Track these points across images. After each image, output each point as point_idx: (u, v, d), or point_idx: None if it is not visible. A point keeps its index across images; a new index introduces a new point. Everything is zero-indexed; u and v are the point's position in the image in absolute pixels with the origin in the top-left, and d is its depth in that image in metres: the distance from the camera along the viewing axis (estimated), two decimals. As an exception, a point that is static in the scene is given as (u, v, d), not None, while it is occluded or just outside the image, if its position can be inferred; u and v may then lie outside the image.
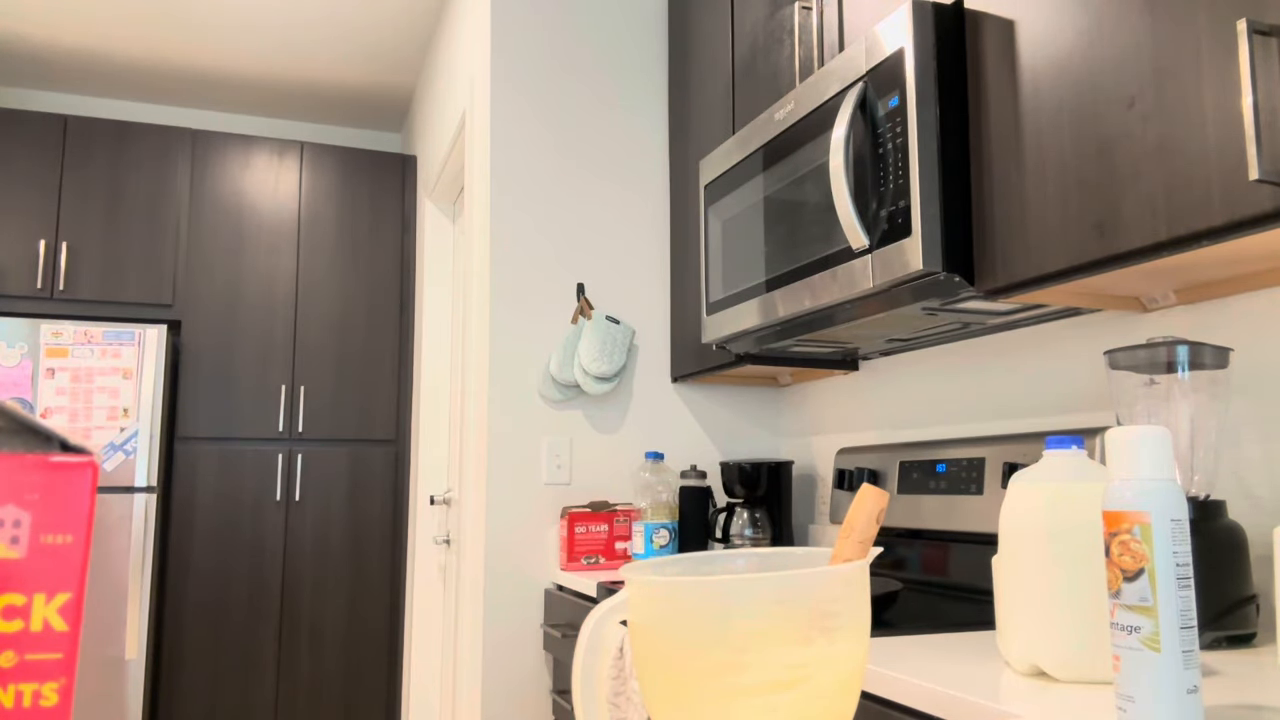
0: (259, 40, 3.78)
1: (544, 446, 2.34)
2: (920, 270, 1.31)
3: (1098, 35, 1.13)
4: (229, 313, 3.84)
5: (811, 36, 1.74)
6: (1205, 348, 1.13)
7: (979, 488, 1.60)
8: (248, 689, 3.67)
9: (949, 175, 1.33)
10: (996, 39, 1.30)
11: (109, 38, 3.74)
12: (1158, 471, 0.72)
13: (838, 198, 1.42)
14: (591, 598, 2.00)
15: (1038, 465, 0.96)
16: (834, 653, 0.61)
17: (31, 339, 3.34)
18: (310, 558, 3.81)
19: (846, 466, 2.01)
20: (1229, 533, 1.10)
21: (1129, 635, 0.71)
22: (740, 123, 2.06)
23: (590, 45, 2.52)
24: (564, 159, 2.45)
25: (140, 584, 3.34)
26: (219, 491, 3.74)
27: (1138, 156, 1.07)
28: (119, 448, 3.38)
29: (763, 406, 2.54)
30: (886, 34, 1.39)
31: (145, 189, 3.81)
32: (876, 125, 1.41)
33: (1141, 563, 0.71)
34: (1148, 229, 1.05)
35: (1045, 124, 1.21)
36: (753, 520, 2.21)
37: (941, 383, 1.89)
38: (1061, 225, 1.17)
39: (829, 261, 1.51)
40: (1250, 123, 0.93)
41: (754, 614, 0.60)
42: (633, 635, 0.65)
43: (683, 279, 2.39)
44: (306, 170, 4.05)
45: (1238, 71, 0.95)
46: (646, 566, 0.73)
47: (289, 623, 3.76)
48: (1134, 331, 1.43)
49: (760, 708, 0.59)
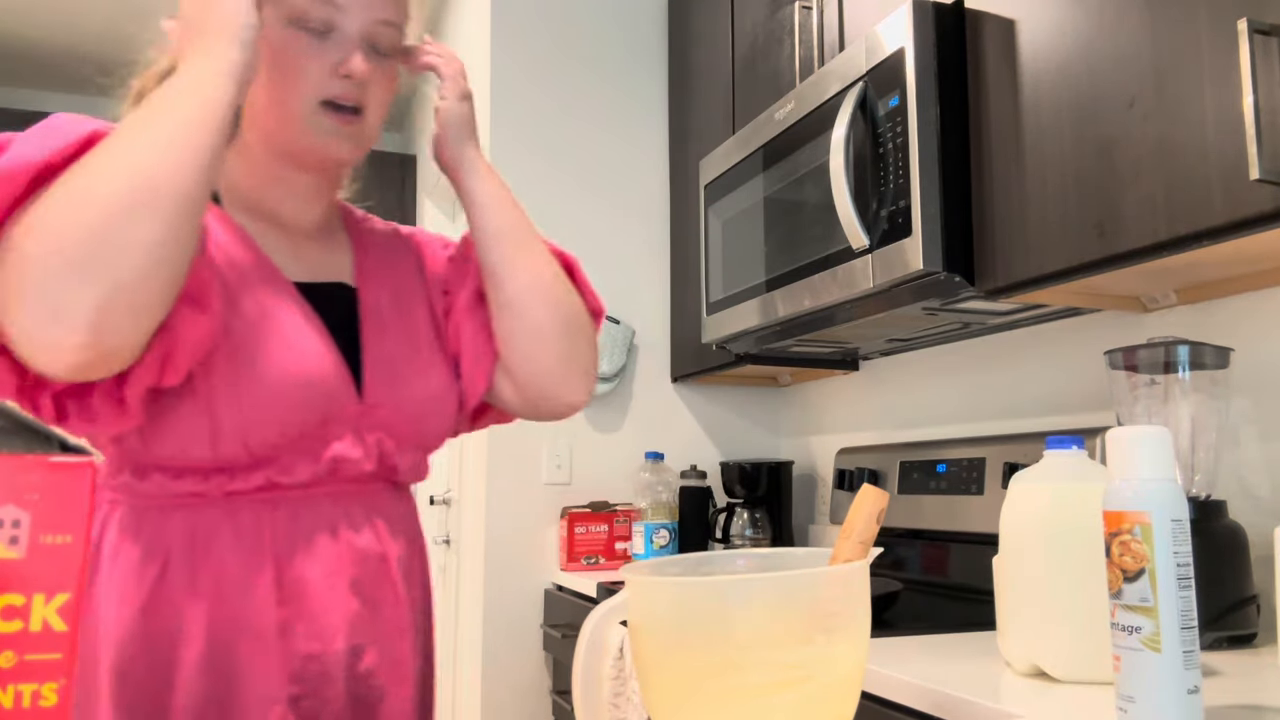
0: (258, 40, 3.78)
1: (544, 446, 2.33)
2: (920, 270, 1.31)
3: (1098, 35, 1.13)
4: (228, 313, 3.84)
5: (812, 36, 1.74)
6: (1206, 348, 1.13)
7: (979, 488, 1.59)
8: (247, 689, 3.66)
9: (949, 175, 1.33)
10: (997, 38, 1.30)
11: (109, 37, 3.74)
12: (1158, 471, 0.72)
13: (838, 197, 1.42)
14: (591, 598, 2.00)
15: (1038, 465, 0.96)
16: (834, 653, 0.61)
17: (31, 339, 3.33)
18: (310, 558, 3.80)
19: (846, 466, 2.01)
20: (1229, 533, 1.10)
21: (1129, 635, 0.71)
22: (740, 122, 2.06)
23: (590, 45, 2.52)
24: (563, 159, 2.45)
25: (140, 584, 3.33)
26: (218, 492, 3.73)
27: (1138, 156, 1.07)
28: (118, 448, 3.38)
29: (763, 406, 2.54)
30: (887, 33, 1.39)
31: (145, 189, 3.81)
32: (877, 125, 1.41)
33: (1142, 563, 0.70)
34: (1148, 229, 1.05)
35: (1045, 123, 1.20)
36: (753, 520, 2.21)
37: (942, 383, 1.89)
38: (1062, 225, 1.17)
39: (829, 261, 1.51)
40: (1251, 122, 0.93)
41: (754, 614, 0.60)
42: (633, 635, 0.65)
43: (683, 279, 2.39)
44: (306, 170, 4.04)
45: (1238, 71, 0.95)
46: (646, 567, 0.73)
47: (288, 623, 3.75)
48: (1134, 331, 1.43)
49: (760, 708, 0.59)
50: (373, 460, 0.85)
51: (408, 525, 0.91)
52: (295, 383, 0.79)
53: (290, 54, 0.82)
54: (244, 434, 0.77)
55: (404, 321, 0.92)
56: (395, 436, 0.87)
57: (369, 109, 0.87)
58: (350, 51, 0.84)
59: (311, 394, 0.80)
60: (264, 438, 0.78)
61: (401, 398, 0.88)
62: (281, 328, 0.81)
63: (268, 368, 0.78)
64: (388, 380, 0.87)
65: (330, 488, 0.84)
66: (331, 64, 0.83)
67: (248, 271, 0.83)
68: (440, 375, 0.92)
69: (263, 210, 0.89)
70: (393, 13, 0.87)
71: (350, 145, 0.87)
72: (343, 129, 0.85)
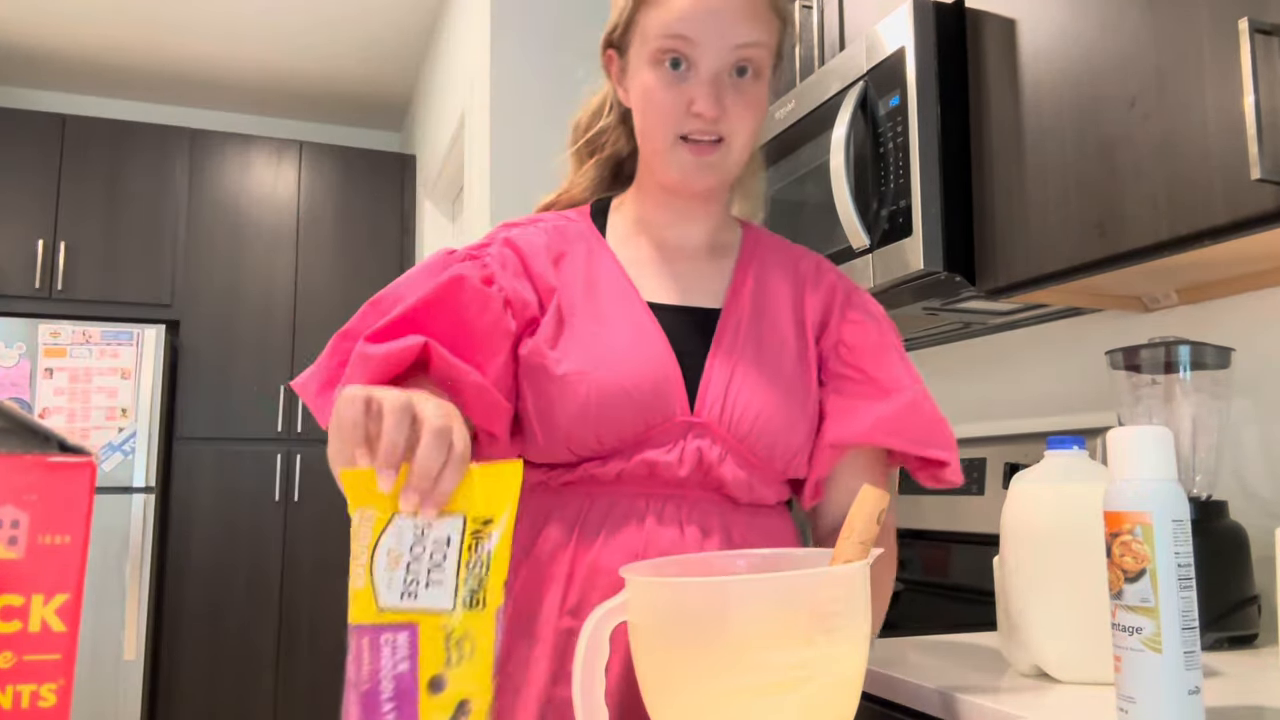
0: (257, 39, 3.78)
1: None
2: (921, 270, 1.31)
3: (1099, 34, 1.13)
4: (228, 313, 3.84)
5: (812, 35, 1.74)
6: (1207, 348, 1.13)
7: (980, 488, 1.59)
8: (246, 690, 3.67)
9: (950, 175, 1.33)
10: (998, 38, 1.30)
11: (106, 37, 3.73)
12: (1159, 472, 0.72)
13: (838, 197, 1.42)
14: (591, 598, 2.00)
15: (1039, 466, 0.96)
16: (835, 653, 0.61)
17: (29, 339, 3.34)
18: (309, 558, 3.81)
19: (846, 466, 2.01)
20: (1230, 533, 1.10)
21: (1130, 636, 0.71)
22: (740, 122, 2.05)
23: (591, 43, 2.51)
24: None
25: (138, 584, 3.34)
26: (217, 492, 3.74)
27: (1139, 156, 1.07)
28: (117, 448, 3.38)
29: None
30: (887, 33, 1.39)
31: (143, 189, 3.81)
32: (877, 125, 1.41)
33: (1143, 563, 0.70)
34: (1149, 228, 1.05)
35: (1046, 123, 1.20)
36: (752, 520, 2.21)
37: (942, 383, 1.88)
38: (1062, 225, 1.17)
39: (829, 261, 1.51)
40: (1252, 122, 0.93)
41: (755, 614, 0.60)
42: (633, 635, 0.65)
43: (682, 279, 2.39)
44: (305, 170, 4.05)
45: (1239, 71, 0.95)
46: (647, 567, 0.73)
47: (288, 623, 3.76)
48: (1135, 331, 1.43)
49: (761, 708, 0.59)
50: (687, 467, 0.87)
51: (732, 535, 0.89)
52: (618, 389, 0.86)
53: (652, 93, 0.88)
54: (566, 440, 0.87)
55: (759, 345, 0.93)
56: (723, 448, 0.88)
57: (731, 136, 0.89)
58: (702, 89, 0.86)
59: (633, 399, 0.86)
60: (584, 443, 0.87)
61: (735, 414, 0.88)
62: (618, 340, 0.88)
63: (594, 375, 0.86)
64: (721, 393, 0.89)
65: (648, 489, 0.87)
66: (686, 101, 0.87)
67: (606, 291, 0.91)
68: (783, 400, 0.91)
69: (649, 234, 0.97)
70: (753, 33, 0.87)
71: (711, 174, 0.90)
72: (702, 159, 0.89)
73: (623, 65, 0.94)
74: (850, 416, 0.92)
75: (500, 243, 0.93)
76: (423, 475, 0.60)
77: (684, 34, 0.85)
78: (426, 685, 0.60)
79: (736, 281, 0.96)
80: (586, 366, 0.86)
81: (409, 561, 0.61)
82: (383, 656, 0.60)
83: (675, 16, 0.85)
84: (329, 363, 0.85)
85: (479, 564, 0.62)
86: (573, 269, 0.92)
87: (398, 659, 0.60)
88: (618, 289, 0.91)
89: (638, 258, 0.95)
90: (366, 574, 0.61)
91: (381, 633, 0.60)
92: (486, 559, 0.62)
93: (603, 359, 0.86)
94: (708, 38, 0.85)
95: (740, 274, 0.97)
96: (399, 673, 0.60)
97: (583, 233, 0.96)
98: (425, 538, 0.61)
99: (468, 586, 0.61)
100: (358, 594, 0.61)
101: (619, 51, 0.95)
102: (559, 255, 0.93)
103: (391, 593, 0.61)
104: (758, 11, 0.87)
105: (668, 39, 0.85)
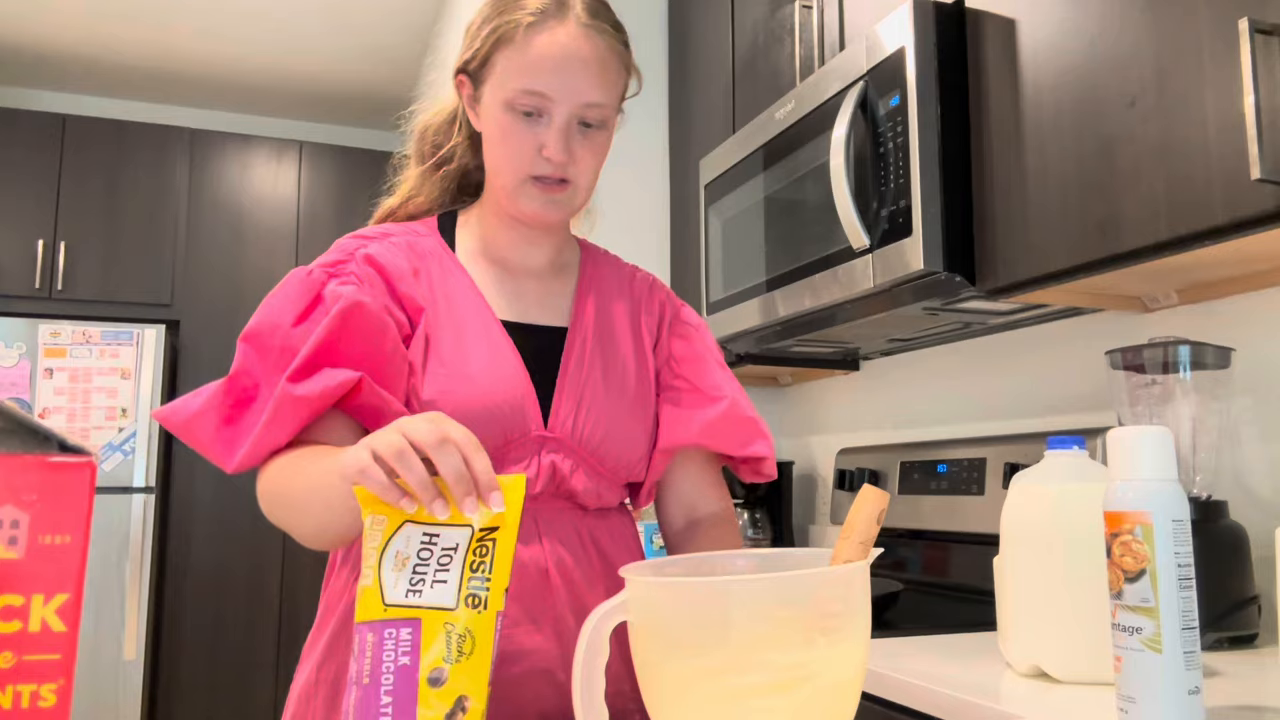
0: (257, 39, 3.78)
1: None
2: (921, 270, 1.31)
3: (1099, 34, 1.13)
4: (228, 312, 3.84)
5: (812, 35, 1.74)
6: (1207, 348, 1.13)
7: (980, 488, 1.59)
8: (247, 689, 3.67)
9: (950, 175, 1.33)
10: (998, 38, 1.30)
11: (107, 37, 3.73)
12: (1159, 472, 0.72)
13: (838, 197, 1.42)
14: (591, 598, 2.00)
15: (1039, 466, 0.96)
16: (835, 653, 0.61)
17: (29, 339, 3.34)
18: (309, 558, 3.81)
19: (847, 467, 2.01)
20: (1230, 533, 1.10)
21: (1130, 636, 0.71)
22: (740, 122, 2.05)
23: (590, 45, 2.51)
24: (564, 159, 2.45)
25: (139, 585, 3.34)
26: (217, 492, 3.74)
27: (1139, 156, 1.07)
28: (117, 448, 3.38)
29: (763, 406, 2.54)
30: (887, 33, 1.39)
31: (143, 188, 3.81)
32: (877, 124, 1.41)
33: (1143, 563, 0.70)
34: (1149, 229, 1.05)
35: (1046, 123, 1.20)
36: (753, 521, 2.21)
37: (942, 383, 1.88)
38: (1063, 225, 1.17)
39: (830, 261, 1.51)
40: (1252, 122, 0.93)
41: (755, 614, 0.60)
42: (633, 635, 0.65)
43: (683, 278, 2.39)
44: (305, 169, 4.05)
45: (1239, 71, 0.95)
46: (647, 567, 0.73)
47: (288, 623, 3.76)
48: (1135, 331, 1.43)
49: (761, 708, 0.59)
50: (542, 482, 0.92)
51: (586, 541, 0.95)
52: (480, 406, 0.89)
53: (505, 134, 0.93)
54: None
55: (604, 360, 1.00)
56: (574, 460, 0.94)
57: (577, 178, 0.95)
58: (553, 137, 0.92)
59: (494, 416, 0.90)
60: None
61: (586, 429, 0.95)
62: (477, 359, 0.92)
63: (458, 394, 0.90)
64: (573, 410, 0.95)
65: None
66: (538, 145, 0.92)
67: (462, 309, 0.95)
68: (627, 413, 0.99)
69: (494, 255, 1.01)
70: (598, 95, 0.93)
71: (558, 209, 0.96)
72: (551, 196, 0.95)
73: (475, 95, 0.97)
74: (680, 424, 1.01)
75: (361, 260, 0.94)
76: (457, 479, 0.64)
77: (540, 91, 0.91)
78: (427, 679, 0.62)
79: (579, 301, 1.03)
80: (450, 385, 0.90)
81: (416, 564, 0.64)
82: (385, 650, 0.62)
83: (533, 73, 0.90)
84: (223, 401, 0.88)
85: (483, 568, 0.64)
86: (429, 287, 0.96)
87: (400, 652, 0.62)
88: (473, 307, 0.96)
89: (486, 277, 0.99)
90: (375, 574, 0.64)
91: (386, 627, 0.63)
92: (490, 564, 0.64)
93: (467, 377, 0.91)
94: (562, 95, 0.91)
95: (582, 294, 1.04)
96: (401, 666, 0.62)
97: (434, 249, 0.99)
98: (434, 544, 0.64)
99: (471, 587, 0.64)
100: (365, 591, 0.63)
101: (472, 81, 0.97)
102: (416, 272, 0.96)
103: (397, 590, 0.63)
104: (607, 72, 0.94)
105: (524, 94, 0.91)
